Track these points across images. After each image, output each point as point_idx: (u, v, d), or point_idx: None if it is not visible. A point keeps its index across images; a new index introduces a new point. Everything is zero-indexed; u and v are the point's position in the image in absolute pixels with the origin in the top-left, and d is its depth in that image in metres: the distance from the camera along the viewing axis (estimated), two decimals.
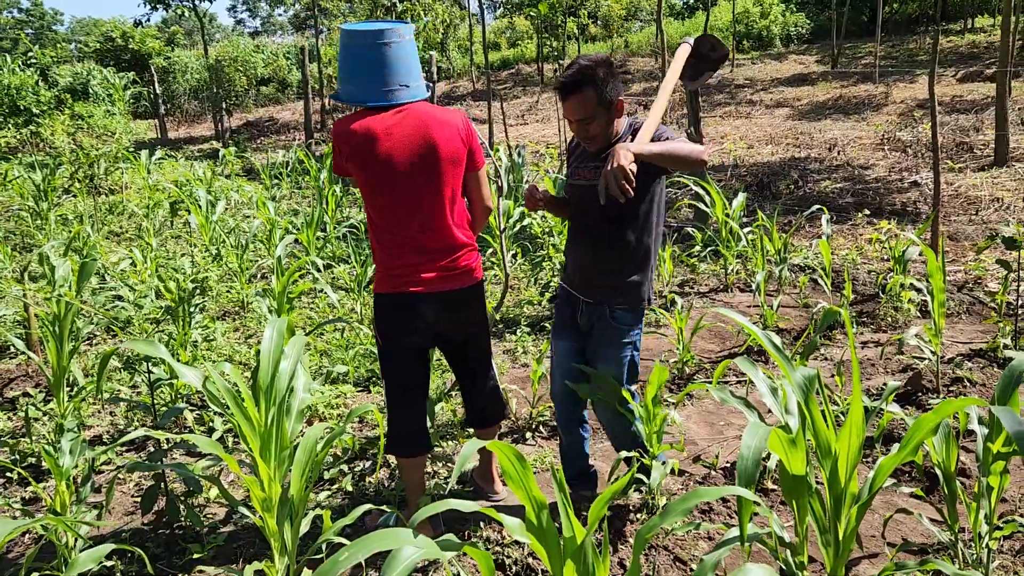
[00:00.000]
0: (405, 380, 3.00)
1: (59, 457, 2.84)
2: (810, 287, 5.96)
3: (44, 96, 14.81)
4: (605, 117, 2.75)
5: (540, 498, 1.75)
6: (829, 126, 13.92)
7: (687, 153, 2.58)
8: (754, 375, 2.37)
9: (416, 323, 2.90)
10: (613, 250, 2.86)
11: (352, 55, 2.81)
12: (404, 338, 2.93)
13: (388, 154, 2.74)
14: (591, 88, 2.68)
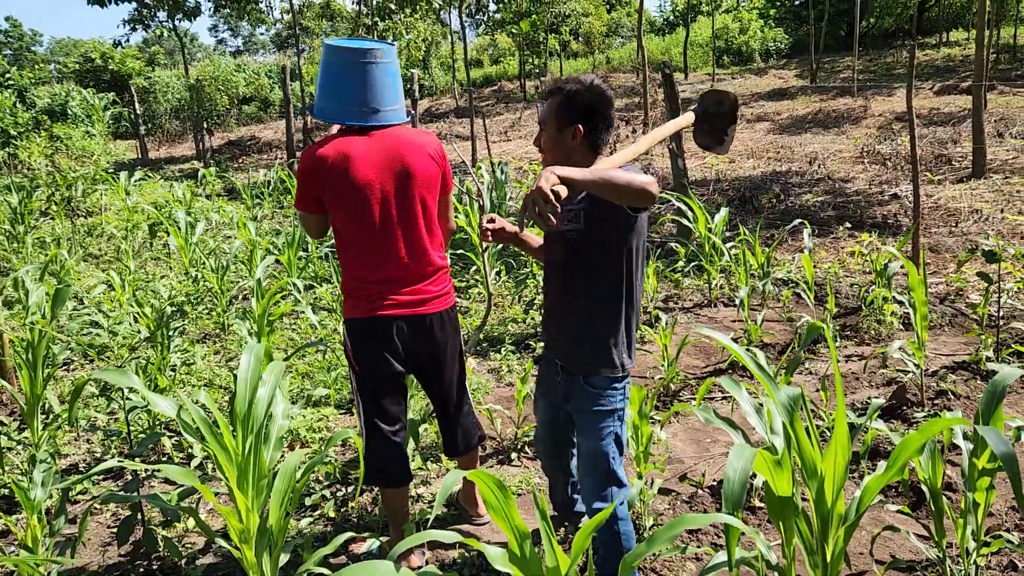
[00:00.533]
0: (383, 408, 2.90)
1: (31, 489, 2.77)
2: (793, 301, 5.97)
3: (22, 117, 14.69)
4: (556, 130, 2.50)
5: (522, 528, 1.71)
6: (809, 140, 14.03)
7: (626, 182, 2.15)
8: (738, 394, 2.35)
9: (392, 348, 2.82)
10: (576, 303, 2.54)
11: (333, 71, 2.74)
12: (381, 364, 2.83)
13: (365, 178, 2.69)
14: (560, 96, 2.50)
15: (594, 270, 2.49)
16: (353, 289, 2.83)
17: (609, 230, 2.43)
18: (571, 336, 2.57)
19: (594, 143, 2.52)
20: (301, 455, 2.56)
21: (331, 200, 2.72)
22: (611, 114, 2.53)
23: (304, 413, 4.28)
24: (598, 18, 34.20)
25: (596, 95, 2.49)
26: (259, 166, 16.53)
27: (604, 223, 2.42)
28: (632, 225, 2.44)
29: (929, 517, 3.08)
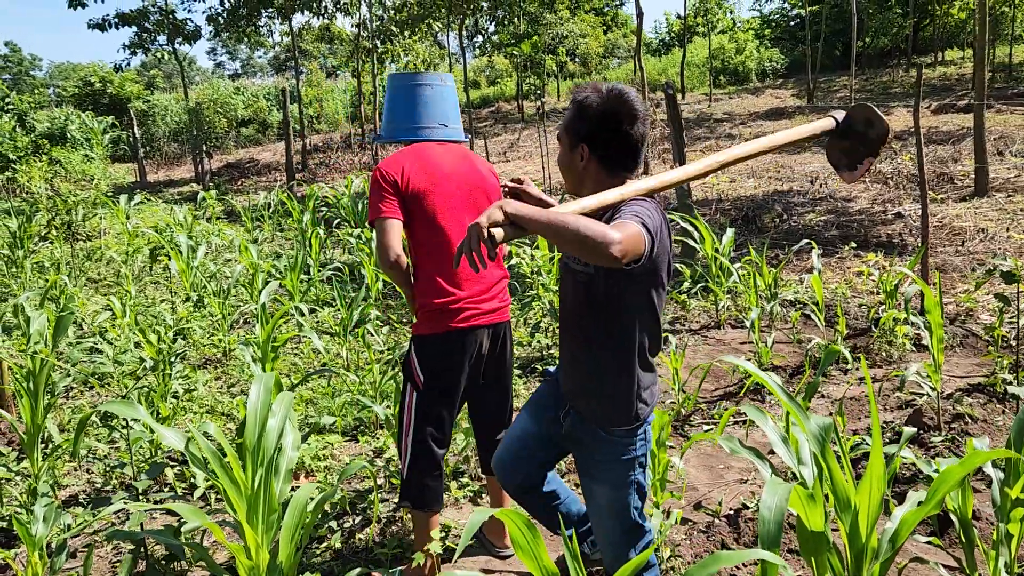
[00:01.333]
0: (441, 426, 2.86)
1: (32, 524, 2.69)
2: (802, 322, 5.90)
3: (21, 142, 14.67)
4: (567, 149, 2.24)
5: (551, 569, 1.63)
6: (809, 159, 14.03)
7: (577, 234, 1.72)
8: (764, 423, 2.28)
9: (470, 361, 2.84)
10: (585, 352, 2.28)
11: (393, 96, 2.96)
12: (454, 380, 2.82)
13: (449, 182, 2.79)
14: (572, 107, 2.23)
15: (603, 318, 2.19)
16: (438, 301, 2.78)
17: (618, 278, 2.11)
18: (582, 387, 2.31)
19: (610, 166, 2.19)
20: (311, 488, 2.48)
21: (415, 204, 2.74)
22: (632, 130, 2.15)
23: (310, 441, 4.20)
24: (595, 39, 34.43)
25: (611, 107, 2.14)
26: (258, 188, 16.51)
27: (611, 270, 2.08)
28: (635, 276, 2.08)
29: (953, 545, 3.00)
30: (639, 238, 1.85)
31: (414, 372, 2.84)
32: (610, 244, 1.72)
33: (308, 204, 9.49)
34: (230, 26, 18.79)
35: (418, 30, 18.01)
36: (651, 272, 2.10)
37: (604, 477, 2.31)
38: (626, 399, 2.23)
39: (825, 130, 2.36)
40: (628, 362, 2.21)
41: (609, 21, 42.77)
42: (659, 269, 2.12)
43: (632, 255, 1.82)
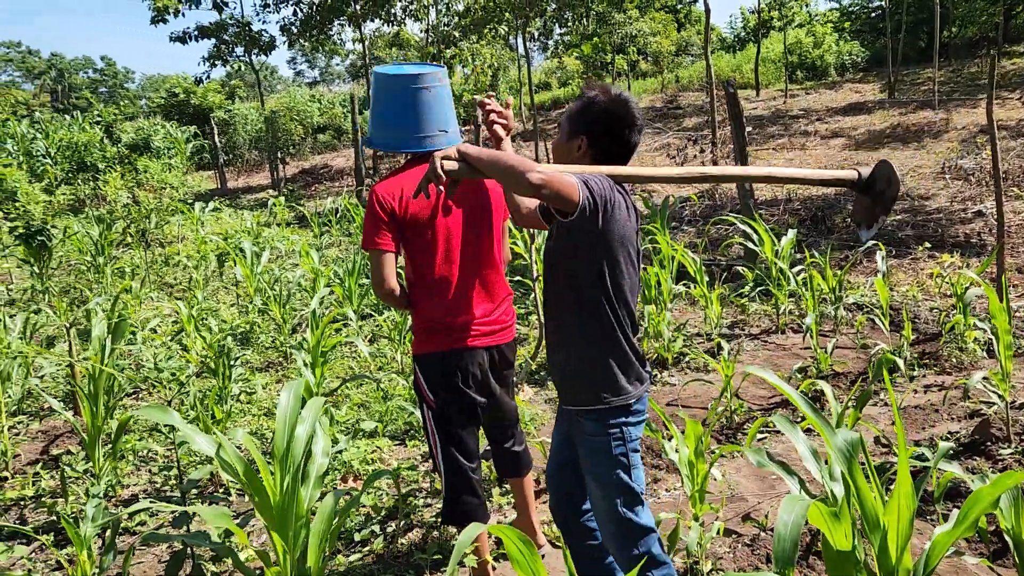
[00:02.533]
0: (463, 443, 2.84)
1: (82, 524, 2.80)
2: (868, 327, 5.69)
3: (108, 152, 15.36)
4: (566, 137, 2.34)
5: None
6: (887, 155, 13.54)
7: (508, 167, 1.98)
8: (793, 435, 2.20)
9: (475, 379, 2.78)
10: (554, 324, 2.36)
11: (387, 100, 2.68)
12: (463, 397, 2.77)
13: (445, 207, 2.66)
14: (579, 101, 2.34)
15: (565, 297, 2.29)
16: (428, 323, 2.74)
17: (570, 250, 2.23)
18: (555, 364, 2.38)
19: (601, 161, 2.29)
20: (340, 494, 2.51)
21: (409, 235, 2.67)
22: (629, 136, 2.29)
23: (358, 444, 4.26)
24: (666, 37, 33.96)
25: (615, 110, 2.27)
26: (330, 194, 16.88)
27: (568, 234, 2.21)
28: (583, 246, 2.18)
29: (1011, 568, 2.83)
30: (567, 184, 2.01)
31: (424, 392, 2.81)
32: (530, 172, 1.96)
33: None
34: (303, 35, 19.27)
35: (485, 34, 18.10)
36: (598, 240, 2.17)
37: (590, 471, 2.34)
38: (591, 379, 2.27)
39: (845, 180, 2.32)
40: (592, 342, 2.27)
41: (682, 18, 42.14)
42: (610, 240, 2.18)
43: (555, 192, 1.98)
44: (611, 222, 2.15)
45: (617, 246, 2.20)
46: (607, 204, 2.12)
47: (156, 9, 18.47)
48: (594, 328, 2.26)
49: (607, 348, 2.27)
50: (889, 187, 2.28)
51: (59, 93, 76.52)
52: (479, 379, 2.80)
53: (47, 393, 4.47)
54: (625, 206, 2.22)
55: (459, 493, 2.84)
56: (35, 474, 4.22)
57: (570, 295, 2.28)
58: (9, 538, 3.62)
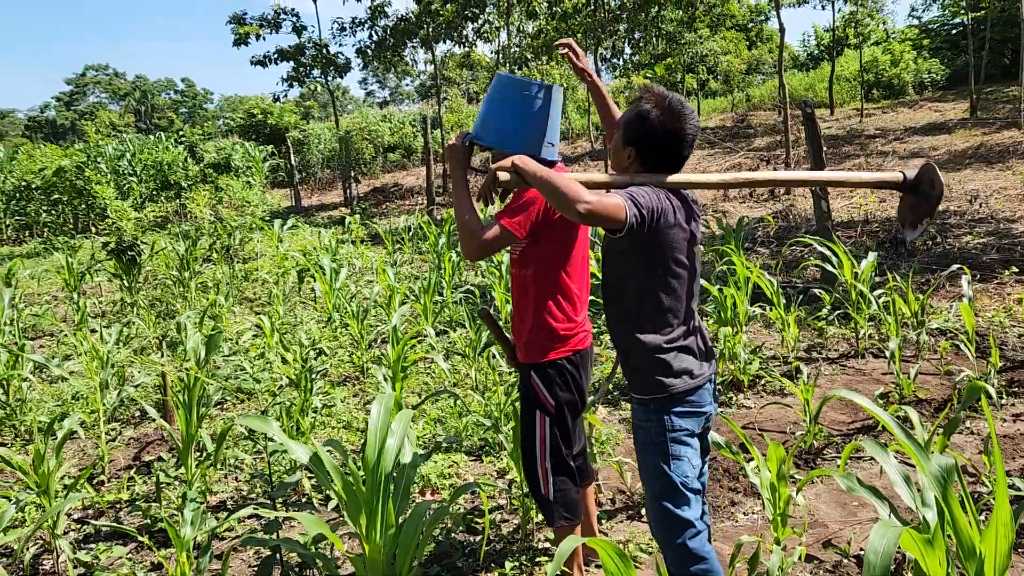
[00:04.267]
0: (573, 445, 2.94)
1: (181, 527, 2.94)
2: (952, 353, 5.54)
3: (192, 171, 15.98)
4: (619, 143, 2.42)
5: None
6: (970, 176, 13.14)
7: (555, 189, 2.12)
8: (884, 461, 2.18)
9: (586, 378, 2.96)
10: (611, 315, 2.48)
11: (521, 104, 2.73)
12: (582, 396, 2.93)
13: None
14: (632, 108, 2.39)
15: (619, 286, 2.41)
16: (558, 327, 2.85)
17: (629, 253, 2.32)
18: (621, 357, 2.49)
19: (650, 170, 2.35)
20: (428, 505, 2.59)
21: (552, 234, 2.77)
22: (679, 151, 2.33)
23: (436, 459, 4.34)
24: (737, 55, 33.64)
25: (666, 126, 2.31)
26: (401, 212, 17.19)
27: (616, 239, 2.27)
28: (639, 251, 2.28)
29: None
30: (612, 207, 2.11)
31: (543, 400, 2.86)
32: (578, 202, 2.09)
33: (444, 227, 9.81)
34: (377, 57, 19.76)
35: (555, 55, 18.25)
36: (646, 246, 2.27)
37: (638, 457, 2.45)
38: (641, 372, 2.36)
39: (890, 181, 2.40)
40: (641, 338, 2.35)
41: (753, 37, 41.71)
42: (660, 246, 2.28)
43: (602, 218, 2.10)
44: (659, 232, 2.25)
45: (666, 250, 2.29)
46: (655, 215, 2.21)
47: (239, 34, 19.19)
48: (642, 325, 2.35)
49: (654, 343, 2.35)
50: (933, 189, 2.36)
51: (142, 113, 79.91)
52: (586, 376, 2.97)
53: (141, 401, 4.69)
54: (675, 210, 2.28)
55: (567, 496, 2.90)
56: (129, 479, 4.42)
57: (622, 293, 2.39)
58: (107, 539, 3.81)
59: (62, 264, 9.49)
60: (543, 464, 2.90)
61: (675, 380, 2.34)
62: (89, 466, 3.56)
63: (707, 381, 2.40)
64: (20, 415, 5.32)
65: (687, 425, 2.37)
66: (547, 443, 2.89)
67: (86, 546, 3.73)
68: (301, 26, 20.04)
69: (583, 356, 2.91)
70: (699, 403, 2.38)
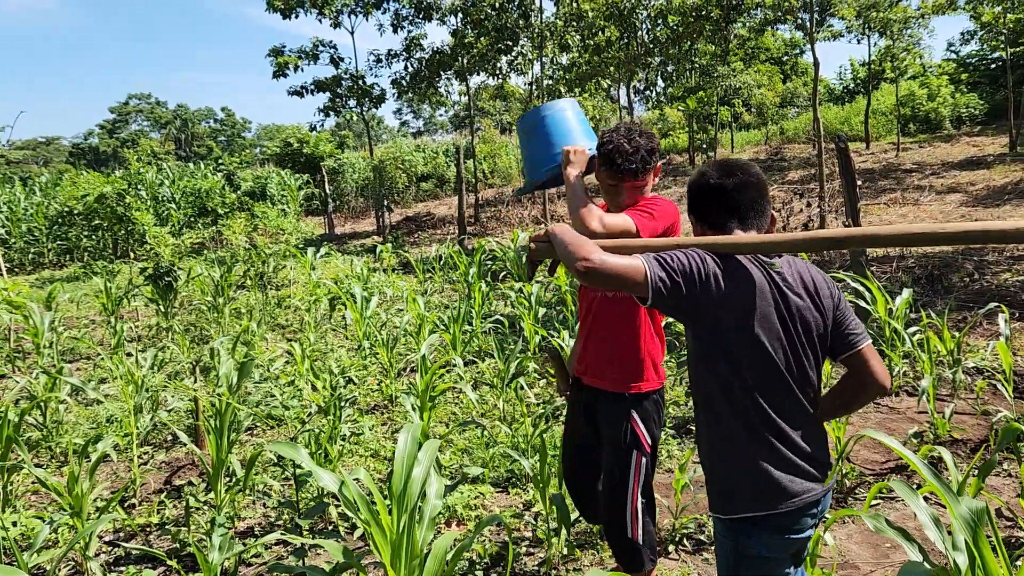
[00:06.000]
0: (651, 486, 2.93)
1: (209, 552, 2.97)
2: (989, 392, 5.43)
3: (229, 198, 16.28)
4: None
5: None
6: (1009, 212, 12.95)
7: (569, 246, 2.00)
8: (914, 503, 2.15)
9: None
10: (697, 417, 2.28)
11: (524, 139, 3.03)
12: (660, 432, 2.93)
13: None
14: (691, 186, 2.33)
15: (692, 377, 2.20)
16: (656, 356, 2.86)
17: (683, 321, 2.11)
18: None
19: (715, 227, 2.17)
20: (453, 536, 2.59)
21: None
22: (720, 200, 2.14)
23: (462, 490, 4.34)
24: (771, 88, 33.62)
25: (705, 173, 2.20)
26: (432, 241, 17.33)
27: (672, 313, 2.10)
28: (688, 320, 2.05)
29: None
30: (625, 267, 1.91)
31: (642, 438, 2.81)
32: (577, 259, 1.93)
33: (475, 257, 9.87)
34: (412, 88, 20.07)
35: (588, 87, 18.40)
36: (696, 318, 2.00)
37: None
38: (717, 481, 2.13)
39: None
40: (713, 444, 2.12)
41: (788, 70, 41.67)
42: (702, 315, 1.99)
43: (609, 279, 1.92)
44: (708, 297, 1.96)
45: (727, 324, 1.99)
46: (696, 276, 1.95)
47: (278, 65, 19.61)
48: (714, 427, 2.10)
49: (728, 453, 2.07)
50: None
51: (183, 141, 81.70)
52: None
53: (172, 426, 4.75)
54: (730, 277, 2.00)
55: (651, 532, 2.87)
56: (160, 503, 4.48)
57: (694, 389, 2.15)
58: (136, 561, 3.85)
59: (100, 288, 9.69)
60: (634, 506, 2.82)
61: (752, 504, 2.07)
62: (121, 489, 3.61)
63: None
64: (56, 437, 5.42)
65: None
66: (640, 483, 2.82)
67: (116, 568, 3.77)
68: (339, 58, 20.44)
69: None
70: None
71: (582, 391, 3.00)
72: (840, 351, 2.11)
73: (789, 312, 2.03)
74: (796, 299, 2.05)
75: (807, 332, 2.06)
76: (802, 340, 2.05)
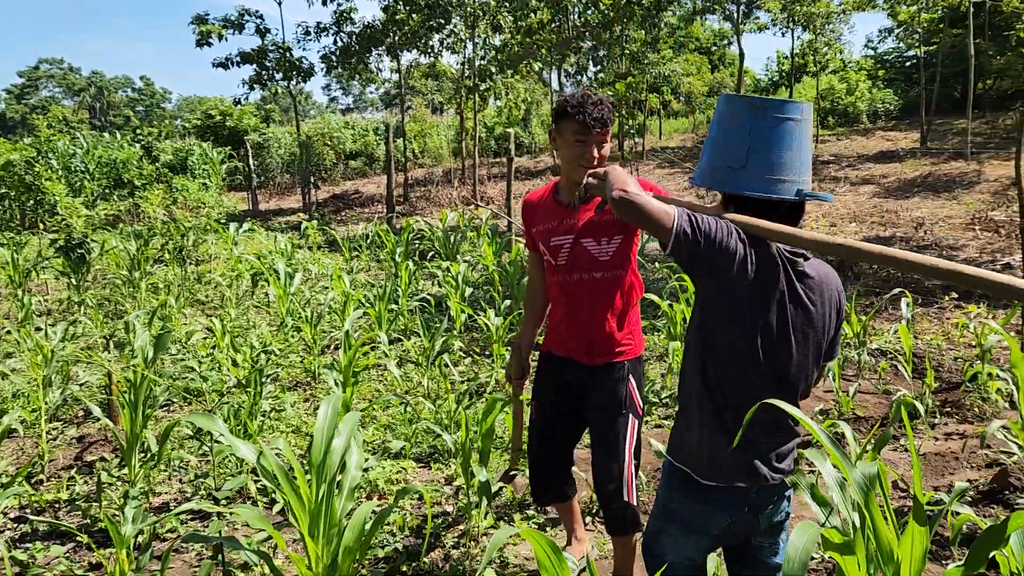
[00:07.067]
0: None
1: (122, 525, 2.92)
2: (891, 373, 5.72)
3: (146, 170, 15.75)
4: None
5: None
6: (917, 204, 13.57)
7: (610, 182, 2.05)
8: (822, 466, 2.27)
9: None
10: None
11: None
12: None
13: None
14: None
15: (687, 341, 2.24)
16: (638, 322, 2.97)
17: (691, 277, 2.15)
18: None
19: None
20: (371, 506, 2.61)
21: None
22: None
23: (384, 464, 4.35)
24: (700, 78, 34.25)
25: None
26: (360, 219, 17.14)
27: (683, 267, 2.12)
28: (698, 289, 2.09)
29: None
30: (657, 209, 1.91)
31: (636, 401, 2.88)
32: (617, 188, 1.96)
33: (403, 236, 9.82)
34: (342, 64, 19.70)
35: (520, 69, 18.40)
36: (711, 272, 1.95)
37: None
38: (677, 427, 2.20)
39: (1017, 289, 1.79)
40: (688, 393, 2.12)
41: (716, 60, 42.51)
42: (718, 276, 1.95)
43: (638, 213, 1.92)
44: (724, 267, 1.93)
45: (731, 296, 1.96)
46: (715, 246, 1.92)
47: (201, 34, 18.98)
48: (690, 387, 2.11)
49: (685, 405, 2.14)
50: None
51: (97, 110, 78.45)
52: None
53: (85, 400, 4.62)
54: (755, 260, 1.95)
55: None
56: (70, 478, 4.36)
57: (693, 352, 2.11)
58: (44, 538, 3.75)
59: (7, 260, 9.29)
60: (629, 469, 2.84)
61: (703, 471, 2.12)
62: (27, 464, 3.50)
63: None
64: None
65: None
66: (633, 446, 2.86)
67: (22, 545, 3.66)
68: (265, 29, 19.90)
69: None
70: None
71: (565, 371, 2.96)
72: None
73: (795, 314, 2.01)
74: (810, 305, 2.03)
75: (804, 334, 2.04)
76: (797, 339, 2.02)
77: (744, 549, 2.25)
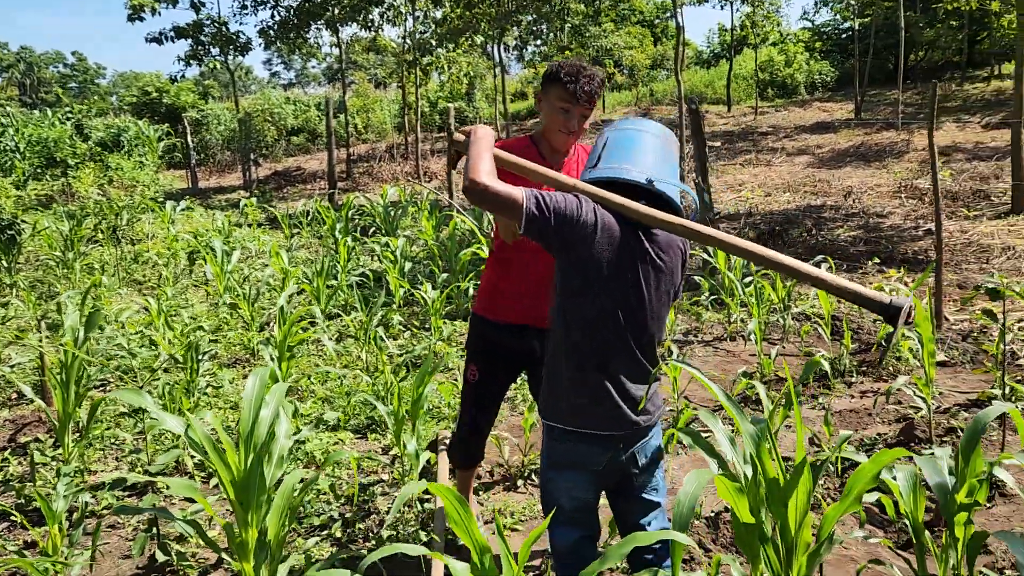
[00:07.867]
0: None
1: (53, 500, 2.96)
2: (814, 336, 5.97)
3: (80, 149, 15.33)
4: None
5: (482, 542, 1.82)
6: (849, 174, 13.96)
7: (469, 162, 2.19)
8: (714, 425, 2.42)
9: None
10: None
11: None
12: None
13: None
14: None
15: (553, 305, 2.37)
16: None
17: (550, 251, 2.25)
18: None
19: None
20: (301, 474, 2.70)
21: None
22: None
23: (321, 436, 4.43)
24: (642, 51, 34.48)
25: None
26: (302, 196, 16.98)
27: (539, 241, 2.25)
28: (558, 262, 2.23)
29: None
30: (508, 198, 2.08)
31: None
32: (469, 176, 2.10)
33: (343, 212, 9.80)
34: (281, 38, 19.37)
35: (461, 43, 18.32)
36: (563, 249, 2.16)
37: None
38: (545, 389, 2.37)
39: (874, 302, 2.08)
40: (554, 355, 2.31)
41: (659, 33, 42.78)
42: (569, 250, 2.16)
43: (488, 200, 2.09)
44: (575, 240, 2.14)
45: (585, 266, 2.18)
46: (567, 219, 2.12)
47: (132, 7, 18.48)
48: (557, 347, 2.30)
49: (566, 370, 2.29)
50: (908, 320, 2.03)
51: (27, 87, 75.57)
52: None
53: (17, 382, 4.59)
54: (609, 229, 2.17)
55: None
56: (3, 460, 4.34)
57: (555, 316, 2.32)
58: None
59: None
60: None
61: (562, 416, 2.33)
62: None
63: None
64: None
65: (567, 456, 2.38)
66: None
67: None
68: (200, 2, 19.46)
69: None
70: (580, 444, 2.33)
71: (524, 336, 3.02)
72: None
73: (648, 272, 2.25)
74: (660, 263, 2.27)
75: (657, 288, 2.29)
76: (651, 294, 2.27)
77: (624, 486, 2.46)
